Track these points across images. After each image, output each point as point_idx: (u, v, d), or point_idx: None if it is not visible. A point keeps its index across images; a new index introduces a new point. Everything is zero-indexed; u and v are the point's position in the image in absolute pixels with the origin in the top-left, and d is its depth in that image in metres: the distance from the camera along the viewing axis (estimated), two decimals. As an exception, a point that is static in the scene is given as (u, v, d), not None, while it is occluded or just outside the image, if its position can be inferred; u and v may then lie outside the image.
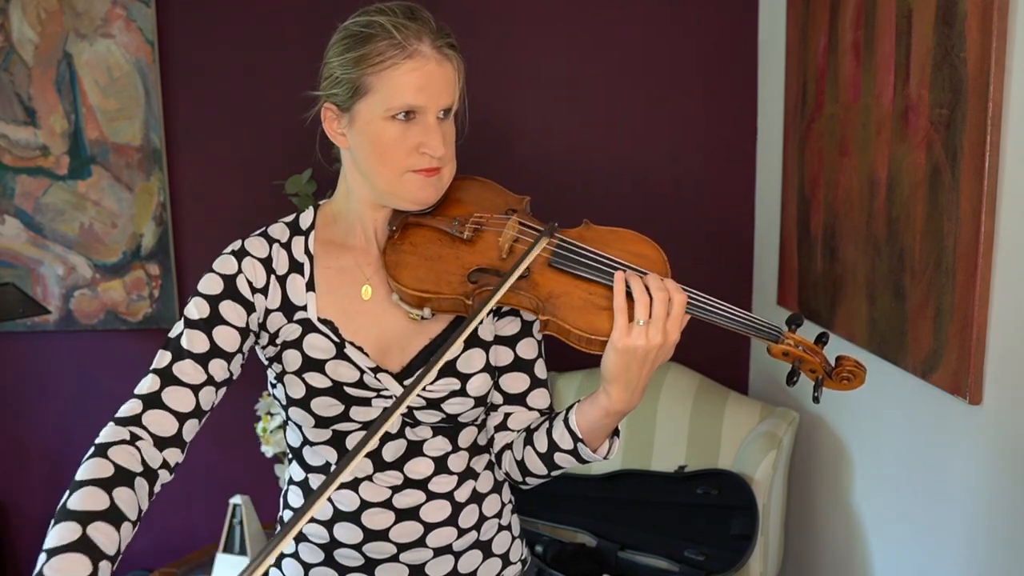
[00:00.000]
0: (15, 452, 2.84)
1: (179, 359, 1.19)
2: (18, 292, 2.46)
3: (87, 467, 1.10)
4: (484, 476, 1.35)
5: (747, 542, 2.22)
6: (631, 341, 1.12)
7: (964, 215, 1.58)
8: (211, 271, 1.25)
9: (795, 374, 1.19)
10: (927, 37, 1.70)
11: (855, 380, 1.20)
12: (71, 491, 1.06)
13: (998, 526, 1.59)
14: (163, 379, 1.18)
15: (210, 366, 1.20)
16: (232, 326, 1.22)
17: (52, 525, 1.02)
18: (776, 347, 1.19)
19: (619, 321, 1.13)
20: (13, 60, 2.62)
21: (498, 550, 1.37)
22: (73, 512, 1.03)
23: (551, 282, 1.19)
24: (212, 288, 1.23)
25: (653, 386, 2.51)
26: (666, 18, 2.68)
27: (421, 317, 1.24)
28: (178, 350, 1.19)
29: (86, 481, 1.07)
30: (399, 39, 1.16)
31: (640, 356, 1.13)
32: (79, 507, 1.04)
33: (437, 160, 1.21)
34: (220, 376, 1.21)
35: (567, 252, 1.21)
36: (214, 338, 1.20)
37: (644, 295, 1.13)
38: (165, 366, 1.18)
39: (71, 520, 1.02)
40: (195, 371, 1.19)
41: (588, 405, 1.20)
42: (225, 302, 1.22)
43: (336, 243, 1.29)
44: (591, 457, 1.23)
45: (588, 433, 1.21)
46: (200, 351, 1.19)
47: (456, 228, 1.25)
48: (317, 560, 1.31)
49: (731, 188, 2.76)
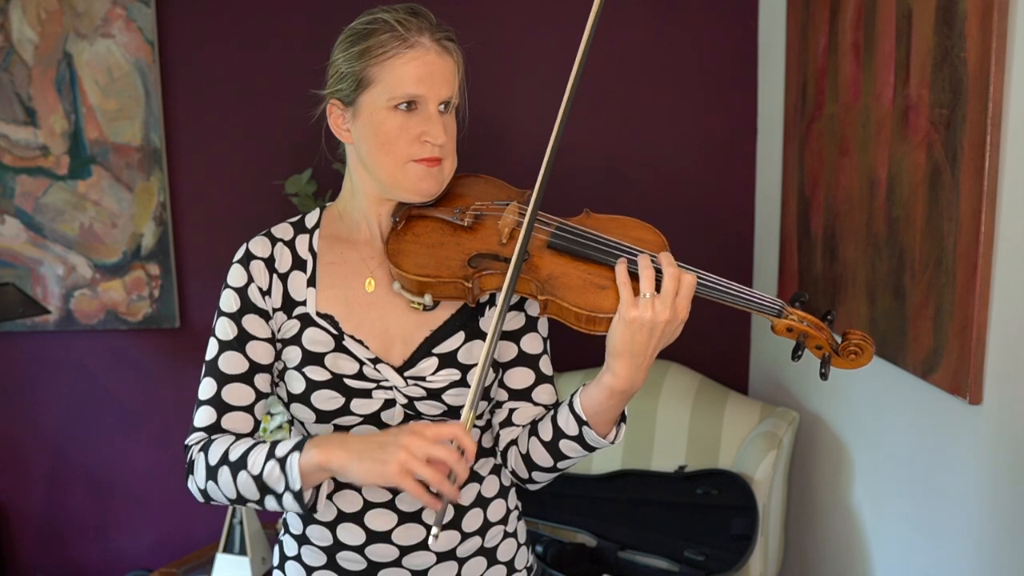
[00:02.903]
0: (15, 452, 2.84)
1: (225, 383, 1.24)
2: (18, 292, 2.46)
3: (212, 450, 1.20)
4: (489, 480, 1.34)
5: (747, 542, 2.22)
6: (638, 312, 1.13)
7: (964, 215, 1.58)
8: (227, 286, 1.28)
9: (799, 348, 1.19)
10: (927, 37, 1.70)
11: (863, 355, 1.19)
12: (220, 460, 1.18)
13: (998, 526, 1.59)
14: (217, 408, 1.24)
15: (255, 381, 1.26)
16: (261, 339, 1.26)
17: (219, 474, 1.17)
18: (780, 322, 1.19)
19: (624, 294, 1.14)
20: (13, 60, 2.62)
21: (503, 557, 1.36)
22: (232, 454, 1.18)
23: (550, 264, 1.21)
24: (232, 306, 1.26)
25: (653, 386, 2.51)
26: (666, 18, 2.68)
27: (423, 306, 1.26)
28: (220, 375, 1.25)
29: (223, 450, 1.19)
30: (400, 31, 1.20)
31: (647, 328, 1.13)
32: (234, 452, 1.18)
33: (438, 149, 1.23)
34: (266, 388, 1.27)
35: (566, 234, 1.22)
36: (249, 355, 1.25)
37: (649, 269, 1.14)
38: (214, 395, 1.24)
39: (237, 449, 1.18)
40: (244, 392, 1.25)
41: (592, 386, 1.20)
42: (247, 316, 1.26)
43: (341, 239, 1.31)
44: (598, 443, 1.22)
45: (593, 416, 1.20)
46: (241, 371, 1.25)
47: (457, 216, 1.27)
48: (320, 564, 1.30)
49: (731, 188, 2.76)
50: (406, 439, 1.08)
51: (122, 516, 2.89)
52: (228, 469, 1.17)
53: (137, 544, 2.90)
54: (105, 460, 2.85)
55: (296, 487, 1.12)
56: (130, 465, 2.85)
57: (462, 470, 1.08)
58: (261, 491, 1.15)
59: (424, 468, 1.06)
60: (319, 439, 1.13)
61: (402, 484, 1.07)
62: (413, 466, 1.06)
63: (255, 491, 1.15)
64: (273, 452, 1.14)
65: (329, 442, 1.12)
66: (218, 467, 1.18)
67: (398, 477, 1.06)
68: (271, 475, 1.13)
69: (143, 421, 2.81)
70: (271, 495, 1.15)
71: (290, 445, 1.14)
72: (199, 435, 1.24)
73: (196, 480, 1.21)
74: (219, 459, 1.18)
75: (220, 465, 1.18)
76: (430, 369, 1.25)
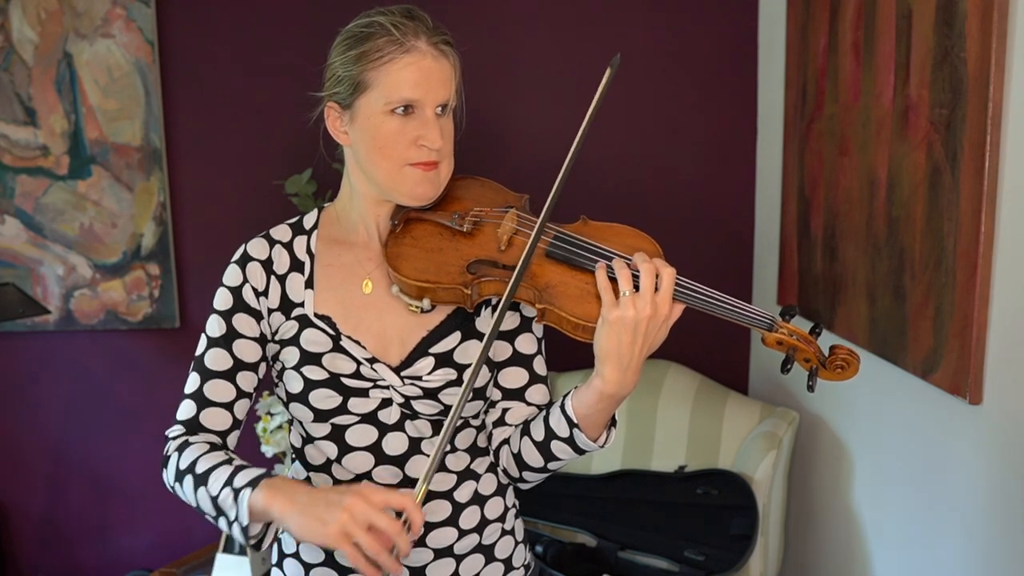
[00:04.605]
0: (15, 452, 2.84)
1: (208, 379, 1.26)
2: (18, 292, 2.46)
3: (185, 455, 1.22)
4: (486, 479, 1.35)
5: (747, 542, 2.22)
6: (619, 311, 1.13)
7: (964, 215, 1.58)
8: (222, 285, 1.30)
9: (788, 362, 1.20)
10: (927, 37, 1.70)
11: (849, 369, 1.21)
12: (187, 468, 1.19)
13: (998, 525, 1.59)
14: (198, 403, 1.26)
15: (238, 379, 1.27)
16: (249, 338, 1.28)
17: (187, 483, 1.19)
18: (770, 336, 1.20)
19: (606, 297, 1.14)
20: (13, 60, 2.62)
21: (501, 555, 1.36)
22: (200, 466, 1.19)
23: (548, 272, 1.22)
24: (224, 304, 1.28)
25: (653, 386, 2.52)
26: (666, 18, 2.68)
27: (421, 309, 1.27)
28: (204, 370, 1.27)
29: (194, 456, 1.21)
30: (397, 36, 1.21)
31: (630, 328, 1.12)
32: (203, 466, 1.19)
33: (435, 153, 1.24)
34: (249, 387, 1.29)
35: (564, 243, 1.23)
36: (235, 352, 1.27)
37: (625, 269, 1.15)
38: (196, 389, 1.26)
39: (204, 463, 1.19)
40: (225, 389, 1.26)
41: (583, 389, 1.21)
42: (237, 315, 1.28)
43: (339, 241, 1.33)
44: (587, 446, 1.23)
45: (584, 419, 1.21)
46: (224, 368, 1.26)
47: (456, 221, 1.28)
48: (317, 560, 1.31)
49: (731, 188, 2.76)
50: (350, 500, 1.06)
51: (122, 516, 2.89)
52: (192, 480, 1.18)
53: (137, 544, 2.90)
54: (105, 460, 2.85)
55: (244, 522, 1.12)
56: (130, 465, 2.85)
57: (404, 544, 1.06)
58: (216, 511, 1.16)
59: (363, 535, 1.05)
60: (274, 481, 1.13)
61: (340, 547, 1.06)
62: (352, 530, 1.05)
63: (211, 509, 1.17)
64: (232, 480, 1.15)
65: (279, 488, 1.11)
66: (184, 474, 1.20)
67: (336, 539, 1.05)
68: (225, 501, 1.14)
69: (143, 421, 2.81)
70: (223, 518, 1.16)
71: (249, 477, 1.14)
72: (178, 428, 1.26)
73: (167, 476, 1.24)
74: (187, 466, 1.20)
75: (186, 473, 1.20)
76: (426, 369, 1.26)
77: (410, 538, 1.07)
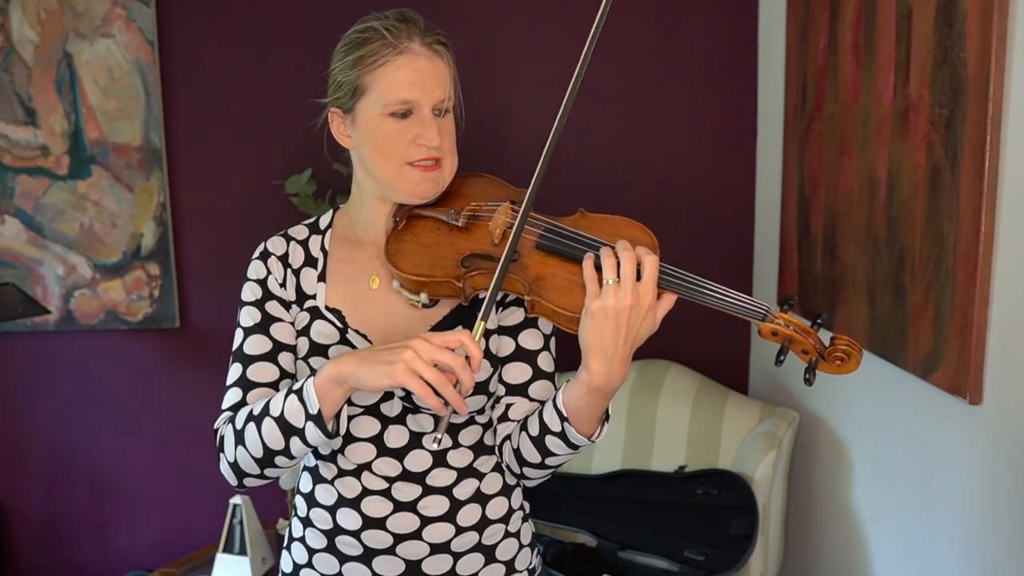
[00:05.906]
0: (15, 452, 2.84)
1: (250, 364, 1.30)
2: (18, 292, 2.46)
3: (239, 417, 1.25)
4: (491, 477, 1.35)
5: (747, 542, 2.22)
6: (601, 301, 1.12)
7: (964, 215, 1.58)
8: (248, 279, 1.35)
9: (783, 352, 1.15)
10: (927, 37, 1.70)
11: (850, 361, 1.16)
12: (245, 421, 1.23)
13: (998, 526, 1.59)
14: (243, 387, 1.29)
15: (280, 359, 1.31)
16: (283, 321, 1.33)
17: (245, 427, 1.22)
18: (765, 326, 1.16)
19: (590, 288, 1.14)
20: (13, 60, 2.62)
21: (503, 556, 1.36)
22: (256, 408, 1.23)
23: (539, 264, 1.23)
24: (253, 294, 1.34)
25: (653, 386, 2.52)
26: (666, 18, 2.68)
27: (421, 304, 1.30)
28: (245, 358, 1.31)
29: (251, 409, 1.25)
30: (390, 39, 1.25)
31: (612, 318, 1.11)
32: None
33: (435, 150, 1.27)
34: (290, 367, 1.33)
35: (554, 234, 1.23)
36: (273, 335, 1.32)
37: (611, 258, 1.14)
38: (240, 375, 1.30)
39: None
40: (268, 370, 1.30)
41: (572, 383, 1.21)
42: (269, 302, 1.33)
43: (351, 239, 1.38)
44: (578, 440, 1.22)
45: (574, 412, 1.21)
46: (266, 351, 1.31)
47: (452, 216, 1.30)
48: (321, 546, 1.34)
49: (731, 188, 2.76)
50: (414, 342, 1.11)
51: (122, 516, 2.89)
52: (254, 424, 1.21)
53: (137, 544, 2.90)
54: (105, 460, 2.85)
55: (315, 410, 1.15)
56: (130, 465, 2.85)
57: (467, 378, 1.10)
58: (285, 434, 1.18)
59: (429, 370, 1.09)
60: (331, 360, 1.19)
61: (408, 383, 1.09)
62: (418, 366, 1.09)
63: (280, 437, 1.18)
64: (290, 390, 1.19)
65: (339, 357, 1.17)
66: (245, 427, 1.22)
67: (403, 376, 1.09)
68: (291, 409, 1.17)
69: (143, 421, 2.81)
70: (295, 435, 1.18)
71: (305, 380, 1.19)
72: (226, 415, 1.29)
73: (226, 455, 1.26)
74: (245, 419, 1.23)
75: (247, 424, 1.22)
76: None
77: (471, 372, 1.11)
